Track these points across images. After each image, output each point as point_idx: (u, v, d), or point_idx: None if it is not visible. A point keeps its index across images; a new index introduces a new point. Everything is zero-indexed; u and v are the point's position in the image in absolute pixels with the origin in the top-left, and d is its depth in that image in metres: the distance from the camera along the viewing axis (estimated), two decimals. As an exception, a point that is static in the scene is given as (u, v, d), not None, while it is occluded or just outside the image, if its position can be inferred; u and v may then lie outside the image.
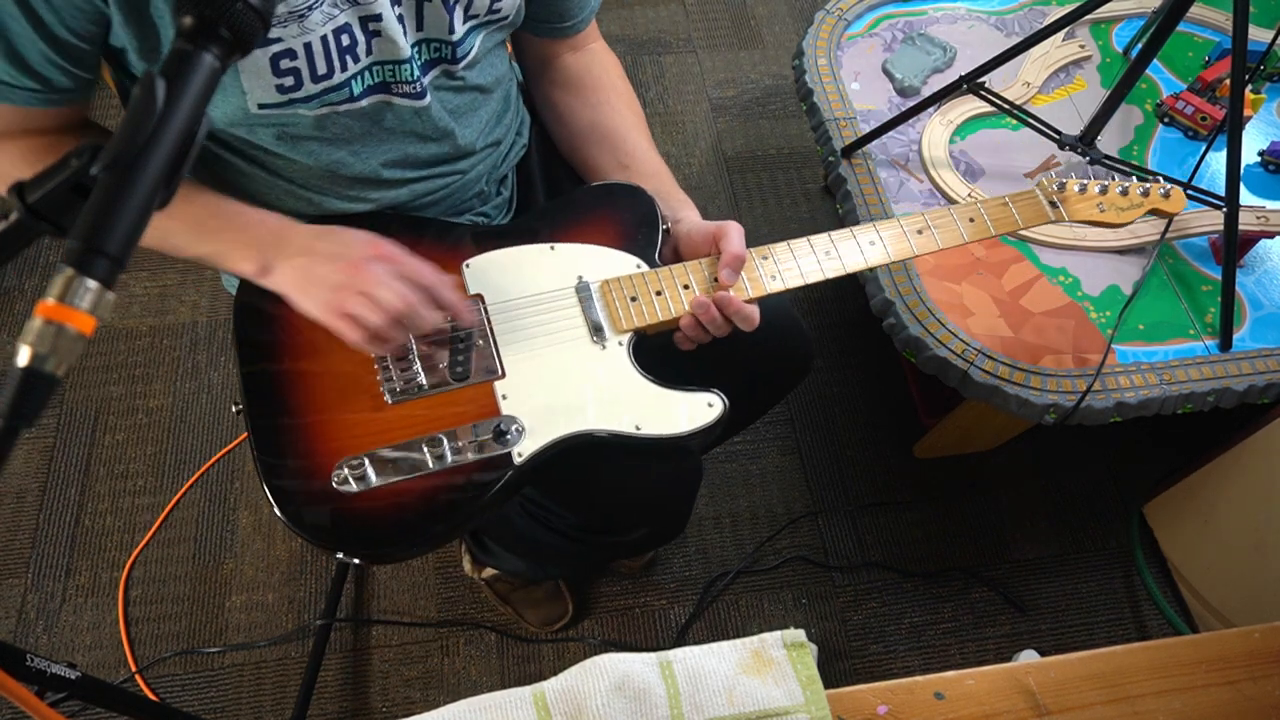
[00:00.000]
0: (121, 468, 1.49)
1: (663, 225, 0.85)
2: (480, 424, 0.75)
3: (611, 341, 0.79)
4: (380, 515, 0.71)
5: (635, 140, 0.91)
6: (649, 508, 0.96)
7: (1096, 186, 0.91)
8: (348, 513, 0.71)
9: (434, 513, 0.72)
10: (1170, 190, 0.93)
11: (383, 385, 0.76)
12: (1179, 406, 1.12)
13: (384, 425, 0.75)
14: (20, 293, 1.67)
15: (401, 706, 1.31)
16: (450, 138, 0.83)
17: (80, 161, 0.42)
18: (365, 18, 0.69)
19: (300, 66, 0.69)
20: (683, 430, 0.76)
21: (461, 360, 0.78)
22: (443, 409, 0.76)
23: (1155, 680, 0.67)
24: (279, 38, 0.66)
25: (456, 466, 0.73)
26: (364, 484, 0.71)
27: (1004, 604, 1.45)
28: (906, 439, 1.58)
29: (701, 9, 2.19)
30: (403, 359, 0.77)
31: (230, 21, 0.44)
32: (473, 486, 0.73)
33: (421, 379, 0.76)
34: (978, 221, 0.87)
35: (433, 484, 0.73)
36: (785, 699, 0.63)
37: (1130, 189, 0.92)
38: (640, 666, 0.64)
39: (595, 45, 0.96)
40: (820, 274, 0.82)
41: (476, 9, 0.77)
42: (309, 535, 0.71)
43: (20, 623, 1.35)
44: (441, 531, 0.74)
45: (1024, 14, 1.47)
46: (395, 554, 0.74)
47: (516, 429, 0.75)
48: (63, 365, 0.38)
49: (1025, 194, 0.90)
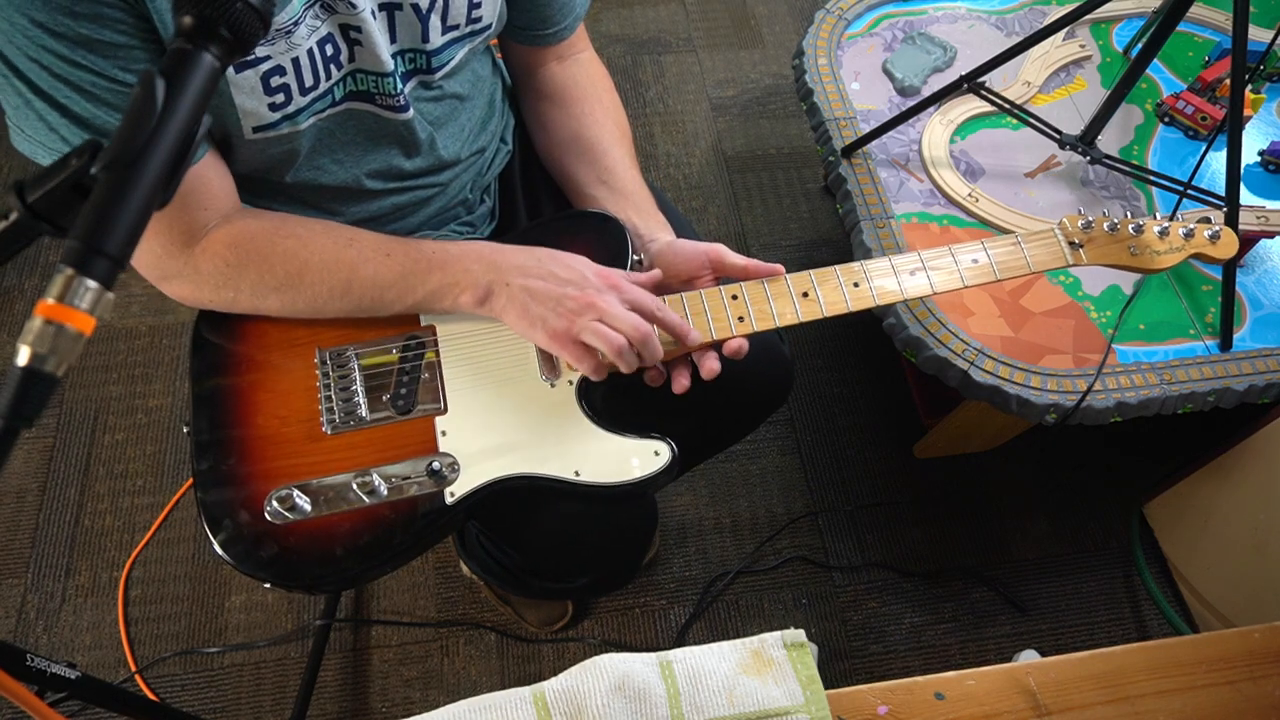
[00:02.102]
0: (121, 468, 1.49)
1: (634, 257, 0.82)
2: (415, 461, 0.72)
3: (561, 380, 0.77)
4: (306, 548, 0.70)
5: (616, 155, 0.88)
6: (591, 556, 0.93)
7: (1130, 226, 0.80)
8: (276, 543, 0.69)
9: (360, 549, 0.70)
10: (1220, 231, 0.81)
11: (322, 415, 0.74)
12: (1179, 406, 1.12)
13: (321, 456, 0.73)
14: (20, 293, 1.67)
15: (401, 706, 1.31)
16: (433, 149, 0.82)
17: (80, 161, 0.42)
18: (346, 26, 0.69)
19: (290, 82, 0.68)
20: (624, 480, 0.73)
21: (405, 393, 0.76)
22: (381, 442, 0.74)
23: (1155, 680, 0.67)
24: (267, 55, 0.65)
25: (387, 503, 0.71)
26: (294, 515, 0.70)
27: (1004, 604, 1.45)
28: (906, 439, 1.58)
29: (701, 9, 2.18)
30: (345, 389, 0.75)
31: (230, 21, 0.44)
32: (402, 524, 0.71)
33: (362, 410, 0.75)
34: (981, 264, 0.79)
35: (362, 519, 0.71)
36: (785, 699, 0.63)
37: (1171, 230, 0.80)
38: (640, 666, 0.64)
39: (583, 55, 0.93)
40: (796, 317, 0.77)
41: (455, 19, 0.76)
42: (235, 562, 0.69)
43: (20, 623, 1.35)
44: (368, 569, 0.71)
45: (1024, 13, 1.47)
46: (321, 587, 0.72)
47: (451, 467, 0.72)
48: (62, 365, 0.38)
49: (1041, 234, 0.81)
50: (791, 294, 0.78)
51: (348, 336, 0.78)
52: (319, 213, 0.81)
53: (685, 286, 0.80)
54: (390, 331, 0.79)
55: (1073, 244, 0.80)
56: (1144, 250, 0.80)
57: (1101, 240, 0.80)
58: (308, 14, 0.66)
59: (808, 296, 0.78)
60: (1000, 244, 0.80)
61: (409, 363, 0.77)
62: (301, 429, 0.74)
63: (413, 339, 0.78)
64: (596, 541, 0.90)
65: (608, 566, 0.99)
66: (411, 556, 0.74)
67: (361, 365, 0.76)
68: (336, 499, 0.71)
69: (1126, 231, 0.79)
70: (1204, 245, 0.81)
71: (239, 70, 0.65)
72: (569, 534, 0.87)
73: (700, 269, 0.80)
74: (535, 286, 0.72)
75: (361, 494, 0.71)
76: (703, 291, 0.78)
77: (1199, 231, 0.80)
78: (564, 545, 0.89)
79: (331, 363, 0.77)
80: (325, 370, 0.76)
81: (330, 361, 0.77)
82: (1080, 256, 0.79)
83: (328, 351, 0.77)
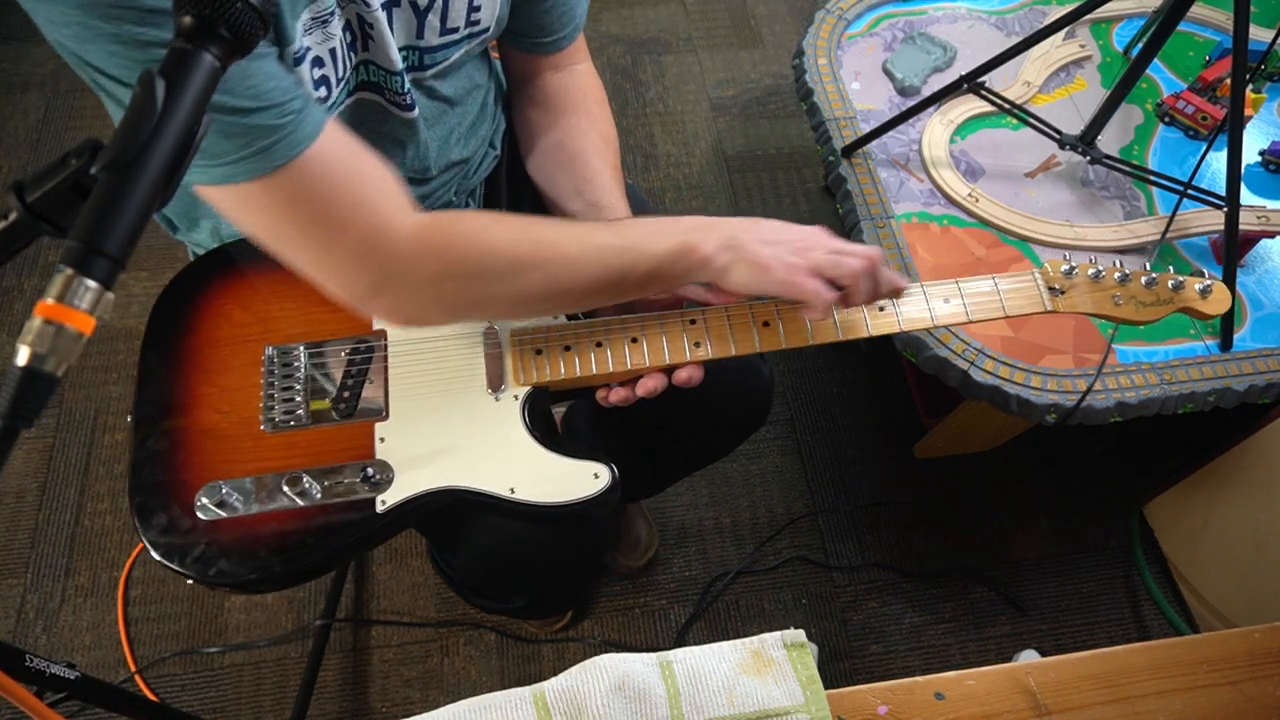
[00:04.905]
0: (121, 468, 1.49)
1: None
2: (349, 465, 0.71)
3: (507, 395, 0.75)
4: (232, 546, 0.69)
5: (596, 167, 0.87)
6: (527, 577, 0.91)
7: (1116, 275, 0.77)
8: (204, 539, 0.68)
9: (285, 550, 0.69)
10: (1211, 287, 0.77)
11: (262, 413, 0.73)
12: (1179, 406, 1.12)
13: (258, 454, 0.72)
14: (20, 293, 1.67)
15: (401, 706, 1.31)
16: (427, 150, 0.82)
17: (80, 161, 0.42)
18: (360, 19, 0.69)
19: (329, 73, 0.67)
20: (560, 500, 0.71)
21: (348, 396, 0.74)
22: (319, 444, 0.73)
23: (1156, 680, 0.67)
24: (308, 47, 0.64)
25: (317, 506, 0.70)
26: (224, 512, 0.69)
27: (1004, 604, 1.45)
28: (906, 439, 1.58)
29: (701, 9, 2.18)
30: (288, 389, 0.75)
31: (230, 21, 0.44)
32: (330, 529, 0.70)
33: (302, 411, 0.73)
34: (953, 305, 0.77)
35: (290, 521, 0.70)
36: (785, 699, 0.63)
37: (1159, 281, 0.77)
38: (640, 666, 0.64)
39: (580, 67, 0.92)
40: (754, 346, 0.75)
41: (454, 21, 0.75)
42: (162, 555, 0.68)
43: (20, 623, 1.35)
44: (291, 571, 0.70)
45: (1024, 13, 1.47)
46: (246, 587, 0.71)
47: (385, 476, 0.71)
48: (62, 365, 0.37)
49: (1019, 277, 0.78)
50: (752, 322, 0.76)
51: (299, 335, 0.77)
52: None
53: (647, 308, 0.79)
54: (341, 333, 0.78)
55: (1053, 289, 0.77)
56: (1129, 300, 0.77)
57: (1084, 286, 0.77)
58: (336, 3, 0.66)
59: (768, 326, 0.76)
60: (975, 284, 0.77)
61: (356, 366, 0.76)
62: (241, 425, 0.73)
63: (362, 342, 0.77)
64: (534, 562, 0.88)
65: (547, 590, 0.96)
66: (342, 562, 0.73)
67: (308, 365, 0.76)
68: (268, 498, 0.70)
69: (1111, 280, 0.77)
70: (1194, 300, 0.77)
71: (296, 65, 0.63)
72: (505, 552, 0.85)
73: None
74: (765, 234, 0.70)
75: (293, 495, 0.70)
76: (661, 314, 0.77)
77: (1189, 284, 0.77)
78: (500, 563, 0.87)
79: (278, 360, 0.76)
80: (270, 368, 0.76)
81: (277, 359, 0.76)
82: (1059, 304, 0.77)
83: (275, 349, 0.76)
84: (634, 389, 0.75)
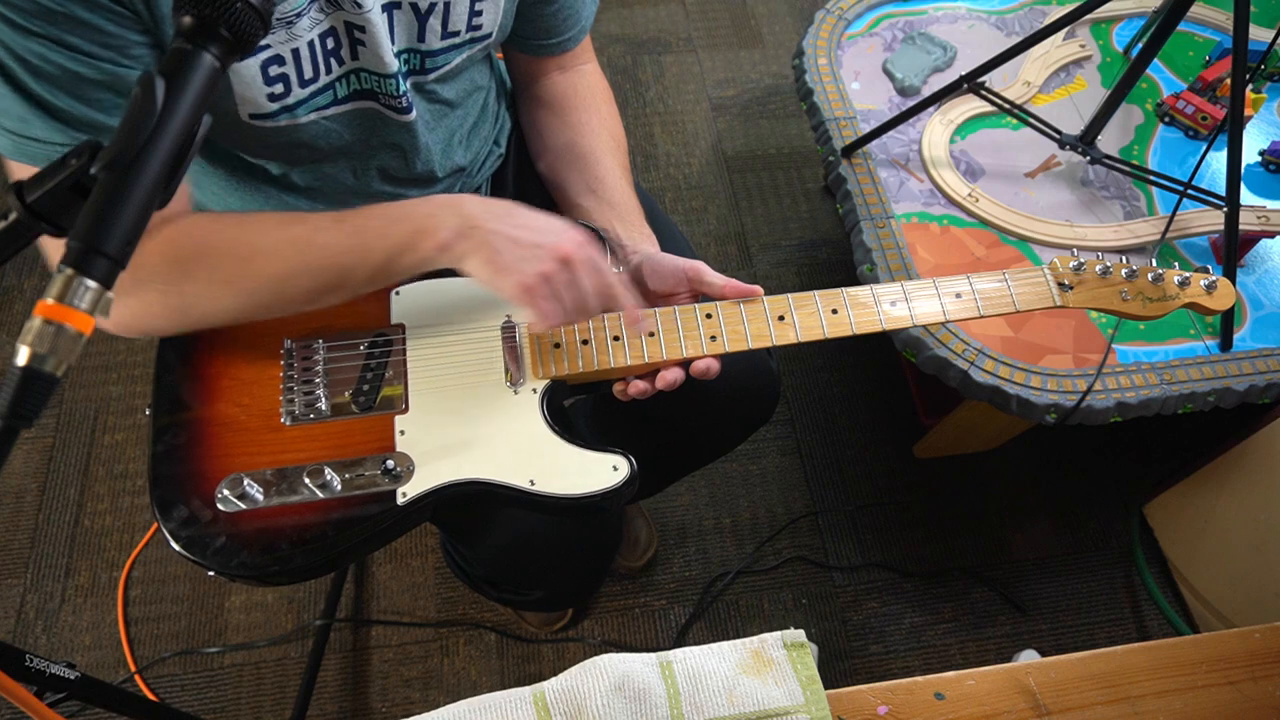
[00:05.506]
0: (121, 468, 1.49)
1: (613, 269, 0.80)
2: (369, 458, 0.72)
3: (525, 388, 0.75)
4: (254, 538, 0.69)
5: (607, 165, 0.87)
6: (545, 569, 0.92)
7: (1123, 270, 0.78)
8: (225, 531, 0.69)
9: (306, 542, 0.69)
10: (1216, 282, 0.78)
11: (282, 405, 0.74)
12: (1179, 406, 1.12)
13: (278, 446, 0.72)
14: (20, 292, 1.67)
15: (401, 706, 1.31)
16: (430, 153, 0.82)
17: (80, 161, 0.42)
18: (350, 25, 0.68)
19: (289, 72, 0.67)
20: (579, 492, 0.71)
21: (368, 389, 0.75)
22: (339, 437, 0.73)
23: (1156, 680, 0.67)
24: (267, 44, 0.65)
25: (338, 499, 0.70)
26: (245, 504, 0.69)
27: (1004, 604, 1.45)
28: (906, 439, 1.58)
29: (701, 9, 2.18)
30: (308, 381, 0.75)
31: (230, 21, 0.44)
32: (351, 521, 0.70)
33: (322, 404, 0.74)
34: (965, 299, 0.77)
35: (311, 513, 0.70)
36: (785, 699, 0.63)
37: (1165, 277, 0.78)
38: (640, 666, 0.64)
39: (586, 66, 0.93)
40: (769, 340, 0.75)
41: (456, 25, 0.75)
42: (184, 548, 0.68)
43: (19, 623, 1.35)
44: (312, 563, 0.70)
45: (1024, 13, 1.47)
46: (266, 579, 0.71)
47: (406, 468, 0.71)
48: (62, 365, 0.38)
49: (1029, 272, 0.79)
50: (768, 317, 0.76)
51: (317, 328, 0.78)
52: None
53: (662, 302, 0.80)
54: (359, 327, 0.78)
55: (1062, 285, 0.78)
56: (1136, 296, 0.78)
57: (1092, 283, 0.78)
58: (312, 7, 0.66)
59: (784, 320, 0.76)
60: (987, 279, 0.78)
61: (375, 359, 0.77)
62: (261, 418, 0.74)
63: (381, 335, 0.78)
64: (551, 555, 0.89)
65: (563, 582, 0.96)
66: (361, 554, 0.73)
67: (327, 358, 0.76)
68: (289, 491, 0.70)
69: (1119, 275, 0.78)
70: (1199, 295, 0.78)
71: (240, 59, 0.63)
72: (523, 545, 0.86)
73: (678, 285, 0.79)
74: (508, 240, 0.68)
75: (314, 488, 0.70)
76: (677, 308, 0.77)
77: (1195, 281, 0.78)
78: (518, 556, 0.87)
79: (297, 354, 0.76)
80: (290, 361, 0.76)
81: (296, 352, 0.76)
82: (1068, 299, 0.78)
83: (295, 342, 0.77)
84: (653, 382, 0.76)
